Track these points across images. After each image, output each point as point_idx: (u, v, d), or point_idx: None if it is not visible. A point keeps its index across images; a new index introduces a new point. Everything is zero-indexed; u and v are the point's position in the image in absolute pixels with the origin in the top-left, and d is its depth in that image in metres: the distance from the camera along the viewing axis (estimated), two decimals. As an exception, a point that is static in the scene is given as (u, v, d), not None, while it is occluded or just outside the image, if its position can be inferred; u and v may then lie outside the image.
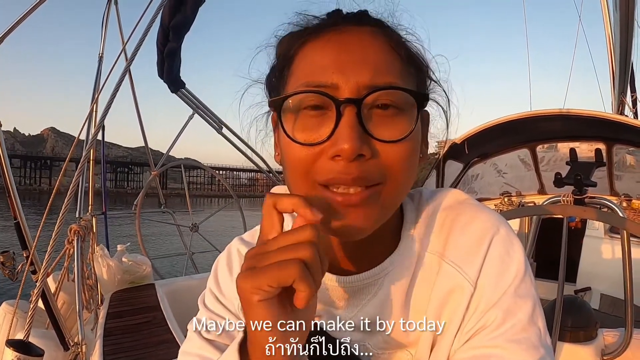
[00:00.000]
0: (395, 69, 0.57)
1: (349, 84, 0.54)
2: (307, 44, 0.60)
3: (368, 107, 0.54)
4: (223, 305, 0.72)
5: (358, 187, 0.54)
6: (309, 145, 0.55)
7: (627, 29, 6.21)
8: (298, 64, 0.60)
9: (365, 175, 0.53)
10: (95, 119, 3.29)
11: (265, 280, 0.47)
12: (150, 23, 2.50)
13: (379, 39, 0.58)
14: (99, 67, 3.52)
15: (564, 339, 2.16)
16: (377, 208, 0.56)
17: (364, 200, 0.54)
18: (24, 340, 2.07)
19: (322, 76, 0.55)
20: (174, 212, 5.26)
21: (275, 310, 0.48)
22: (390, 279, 0.63)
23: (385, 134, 0.54)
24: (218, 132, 4.48)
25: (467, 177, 5.03)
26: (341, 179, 0.53)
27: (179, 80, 3.88)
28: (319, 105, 0.55)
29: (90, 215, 3.49)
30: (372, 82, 0.54)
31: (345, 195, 0.54)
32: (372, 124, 0.54)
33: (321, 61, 0.57)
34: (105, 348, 2.45)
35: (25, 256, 2.27)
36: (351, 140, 0.51)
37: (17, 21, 2.26)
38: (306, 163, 0.55)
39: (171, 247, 10.15)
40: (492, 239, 0.61)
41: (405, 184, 0.58)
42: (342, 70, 0.55)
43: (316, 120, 0.55)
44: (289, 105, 0.57)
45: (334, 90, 0.54)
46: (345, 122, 0.53)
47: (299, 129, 0.56)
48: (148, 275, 3.66)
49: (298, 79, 0.58)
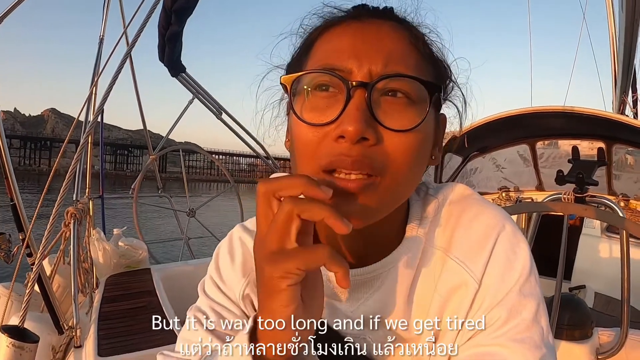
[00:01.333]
0: (411, 60, 0.57)
1: (362, 70, 0.54)
2: (327, 31, 0.61)
3: (379, 93, 0.54)
4: (224, 294, 0.71)
5: (359, 174, 0.53)
6: (315, 125, 0.54)
7: (632, 29, 6.19)
8: (316, 49, 0.61)
9: (366, 159, 0.52)
10: (95, 102, 3.26)
11: (296, 263, 0.46)
12: (153, 7, 2.47)
13: (398, 32, 0.59)
14: (99, 50, 3.48)
15: (560, 337, 2.17)
16: (374, 199, 0.55)
17: (361, 188, 0.53)
18: (19, 326, 2.06)
19: (337, 60, 0.55)
20: (171, 197, 5.25)
21: (298, 299, 0.48)
22: (394, 274, 0.62)
23: (393, 123, 0.53)
24: (217, 118, 4.46)
25: (465, 170, 5.04)
26: (342, 160, 0.52)
27: (180, 64, 3.85)
28: (330, 87, 0.56)
29: (87, 199, 3.47)
30: (384, 69, 0.54)
31: (344, 181, 0.53)
32: (380, 111, 0.54)
33: (337, 46, 0.57)
34: (99, 332, 2.44)
35: (22, 239, 2.26)
36: (356, 121, 0.51)
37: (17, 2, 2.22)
38: (312, 145, 0.55)
39: (168, 231, 10.16)
40: (498, 236, 0.61)
41: (407, 180, 0.57)
42: (356, 55, 0.55)
43: (326, 101, 0.55)
44: (300, 84, 0.57)
45: (347, 74, 0.54)
46: (353, 104, 0.52)
47: (307, 109, 0.56)
48: (144, 260, 3.65)
49: (314, 62, 0.59)
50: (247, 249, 0.72)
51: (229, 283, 0.71)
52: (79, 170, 3.16)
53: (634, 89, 7.39)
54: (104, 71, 2.76)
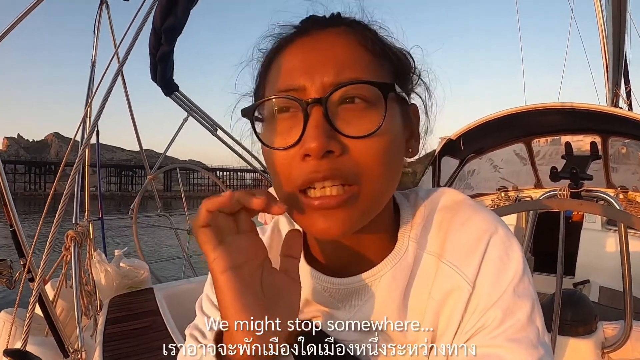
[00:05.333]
0: (362, 63, 0.57)
1: (315, 85, 0.54)
2: (279, 53, 0.61)
3: (335, 104, 0.55)
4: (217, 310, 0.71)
5: (334, 186, 0.54)
6: (281, 149, 0.55)
7: (620, 21, 6.22)
8: (271, 73, 0.61)
9: (336, 171, 0.53)
10: (89, 123, 3.28)
11: (204, 208, 0.51)
12: (141, 25, 2.49)
13: (346, 36, 0.59)
14: (91, 72, 3.52)
15: (564, 333, 2.16)
16: (355, 210, 0.56)
17: (340, 203, 0.54)
18: (22, 349, 2.06)
19: (290, 80, 0.56)
20: (170, 216, 5.25)
21: (237, 284, 0.50)
22: (387, 280, 0.62)
23: (353, 130, 0.54)
24: (213, 134, 4.48)
25: (463, 173, 5.05)
26: (313, 177, 0.54)
27: (172, 83, 3.88)
28: (289, 108, 0.56)
29: (86, 221, 3.47)
30: (336, 79, 0.54)
31: (322, 199, 0.54)
32: (339, 120, 0.54)
33: (289, 65, 0.58)
34: (105, 354, 2.44)
35: (23, 264, 2.26)
36: (317, 138, 0.52)
37: (16, 21, 2.25)
38: (284, 168, 0.56)
39: (169, 250, 10.13)
40: (490, 239, 0.61)
41: (384, 183, 0.58)
42: (308, 71, 0.55)
43: (289, 123, 0.56)
44: (261, 112, 0.59)
45: (301, 92, 0.55)
46: (311, 122, 0.53)
47: (272, 135, 0.57)
48: (146, 280, 3.65)
49: (271, 86, 0.60)
50: None
51: None
52: (76, 192, 3.16)
53: (627, 80, 7.39)
54: (97, 93, 2.79)
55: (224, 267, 0.50)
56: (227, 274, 0.50)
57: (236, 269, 0.51)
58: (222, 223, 0.52)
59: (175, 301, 3.34)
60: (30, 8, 2.33)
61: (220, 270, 0.50)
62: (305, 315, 0.67)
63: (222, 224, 0.52)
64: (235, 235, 0.53)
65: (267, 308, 0.52)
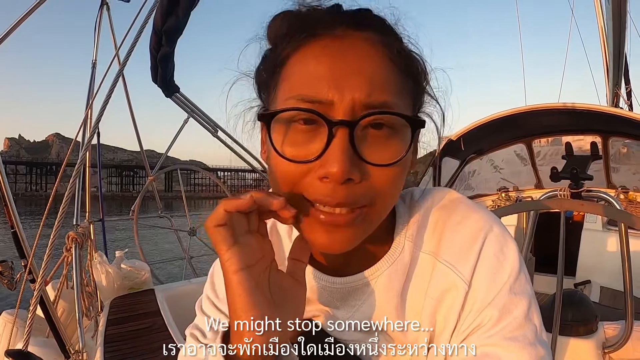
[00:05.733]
0: (392, 84, 0.55)
1: (344, 103, 0.51)
2: (302, 47, 0.56)
3: (361, 128, 0.53)
4: (219, 310, 0.72)
5: (344, 209, 0.53)
6: (297, 162, 0.53)
7: (620, 21, 6.21)
8: (292, 69, 0.57)
9: (352, 199, 0.53)
10: (90, 124, 3.28)
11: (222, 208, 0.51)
12: (142, 26, 2.50)
13: (377, 48, 0.56)
14: (92, 73, 3.51)
15: (565, 333, 2.16)
16: (361, 228, 0.56)
17: (349, 222, 0.54)
18: (23, 350, 2.06)
19: (317, 90, 0.52)
20: (171, 217, 5.25)
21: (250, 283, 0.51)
22: (384, 280, 0.63)
23: (378, 157, 0.53)
24: (213, 135, 4.48)
25: (463, 173, 5.05)
26: (327, 201, 0.53)
27: (173, 84, 3.88)
28: (311, 120, 0.53)
29: (87, 222, 3.47)
30: (368, 99, 0.52)
31: (330, 215, 0.53)
32: (364, 146, 0.52)
33: (316, 71, 0.54)
34: (106, 355, 2.43)
35: (24, 265, 2.26)
36: (341, 163, 0.50)
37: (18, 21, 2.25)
38: (293, 178, 0.54)
39: (170, 251, 10.13)
40: (485, 237, 0.61)
41: (392, 203, 0.59)
42: (337, 84, 0.52)
43: (307, 135, 0.54)
44: (279, 118, 0.55)
45: (328, 106, 0.52)
46: (336, 144, 0.51)
47: (288, 143, 0.54)
48: (147, 281, 3.64)
49: (292, 88, 0.55)
50: None
51: (225, 300, 0.69)
52: (77, 194, 3.16)
53: (627, 80, 7.39)
54: (98, 93, 2.79)
55: (237, 267, 0.50)
56: (240, 274, 0.50)
57: (248, 269, 0.51)
58: (236, 223, 0.52)
59: (176, 302, 3.33)
60: (33, 8, 2.34)
61: (233, 270, 0.50)
62: (305, 315, 0.66)
63: (236, 223, 0.52)
64: (248, 236, 0.53)
65: (275, 308, 0.52)
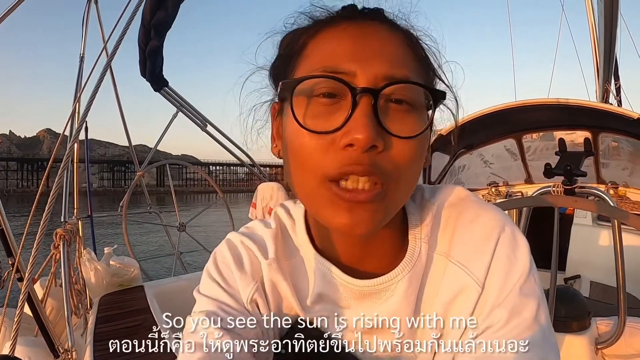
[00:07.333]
0: (411, 65, 0.57)
1: (367, 73, 0.52)
2: (321, 32, 0.59)
3: (384, 100, 0.53)
4: (227, 293, 0.65)
5: (367, 182, 0.52)
6: (320, 133, 0.52)
7: (611, 17, 6.26)
8: (312, 50, 0.58)
9: (376, 167, 0.52)
10: (78, 118, 3.24)
11: None
12: (130, 20, 2.46)
13: (396, 34, 0.58)
14: (80, 67, 3.48)
15: (558, 330, 2.16)
16: (382, 207, 0.54)
17: (370, 198, 0.52)
18: (10, 355, 2.02)
19: (339, 62, 0.54)
20: (161, 212, 5.21)
21: None
22: (404, 285, 0.62)
23: (400, 129, 0.53)
24: (202, 130, 4.46)
25: (453, 168, 5.06)
26: (353, 170, 0.52)
27: (162, 78, 3.83)
28: (333, 93, 0.54)
29: (75, 219, 3.43)
30: (390, 72, 0.53)
31: (354, 192, 0.52)
32: (387, 118, 0.53)
33: (338, 48, 0.55)
34: (95, 353, 2.40)
35: (11, 263, 2.22)
36: (367, 129, 0.50)
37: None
38: (316, 154, 0.53)
39: (160, 247, 10.08)
40: (498, 238, 0.61)
41: (410, 185, 0.58)
42: (359, 58, 0.53)
43: (328, 108, 0.54)
44: (300, 89, 0.54)
45: (351, 77, 0.53)
46: (361, 111, 0.51)
47: (309, 116, 0.54)
48: (136, 278, 3.61)
49: (312, 64, 0.56)
50: (252, 252, 0.68)
51: (235, 285, 0.66)
52: (65, 190, 3.12)
53: (617, 76, 7.46)
54: (86, 88, 2.75)
55: None
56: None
57: None
58: None
59: (166, 299, 3.31)
60: (17, 3, 2.28)
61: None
62: (315, 310, 0.65)
63: None
64: None
65: None
